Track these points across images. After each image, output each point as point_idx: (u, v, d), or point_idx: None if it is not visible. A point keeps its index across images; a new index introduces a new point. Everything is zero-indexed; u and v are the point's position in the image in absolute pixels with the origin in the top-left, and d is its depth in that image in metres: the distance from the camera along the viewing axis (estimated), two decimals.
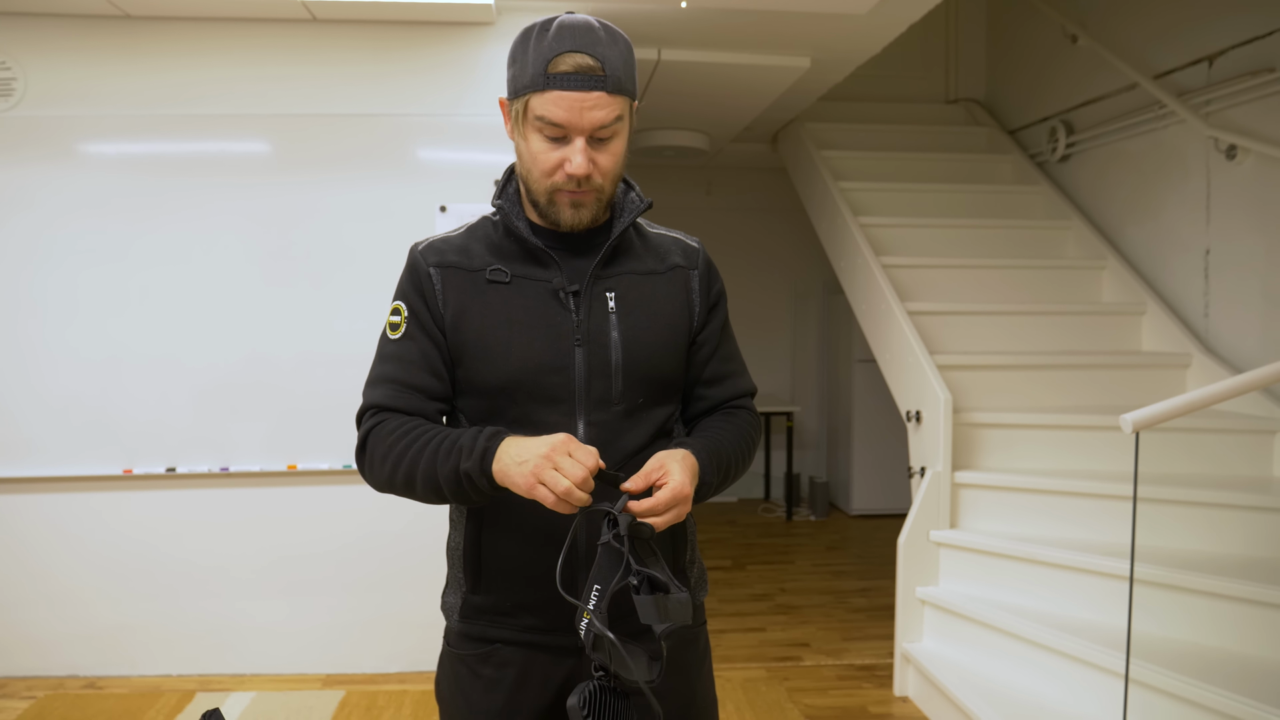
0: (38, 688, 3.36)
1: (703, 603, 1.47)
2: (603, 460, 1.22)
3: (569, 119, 1.21)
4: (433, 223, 3.44)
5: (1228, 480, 3.16)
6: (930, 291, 4.15)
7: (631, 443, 1.32)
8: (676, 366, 1.38)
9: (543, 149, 1.24)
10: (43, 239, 3.38)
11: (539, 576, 1.28)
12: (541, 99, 1.21)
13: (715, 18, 3.53)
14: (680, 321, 1.38)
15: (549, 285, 1.31)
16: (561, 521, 1.23)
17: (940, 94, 5.70)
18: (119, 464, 3.41)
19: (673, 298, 1.38)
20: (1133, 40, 4.26)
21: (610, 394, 1.31)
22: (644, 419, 1.34)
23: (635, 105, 1.30)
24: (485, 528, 1.33)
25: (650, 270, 1.37)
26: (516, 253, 1.33)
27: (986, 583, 3.21)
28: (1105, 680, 2.65)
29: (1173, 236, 4.01)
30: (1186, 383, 3.75)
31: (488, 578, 1.34)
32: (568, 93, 1.20)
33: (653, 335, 1.34)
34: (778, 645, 3.83)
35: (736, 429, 1.42)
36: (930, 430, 3.41)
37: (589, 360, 1.30)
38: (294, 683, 3.42)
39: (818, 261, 6.40)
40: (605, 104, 1.21)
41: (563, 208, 1.27)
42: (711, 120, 5.08)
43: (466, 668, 1.36)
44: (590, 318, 1.31)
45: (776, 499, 6.75)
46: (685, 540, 1.42)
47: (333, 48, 3.44)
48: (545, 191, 1.27)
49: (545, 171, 1.25)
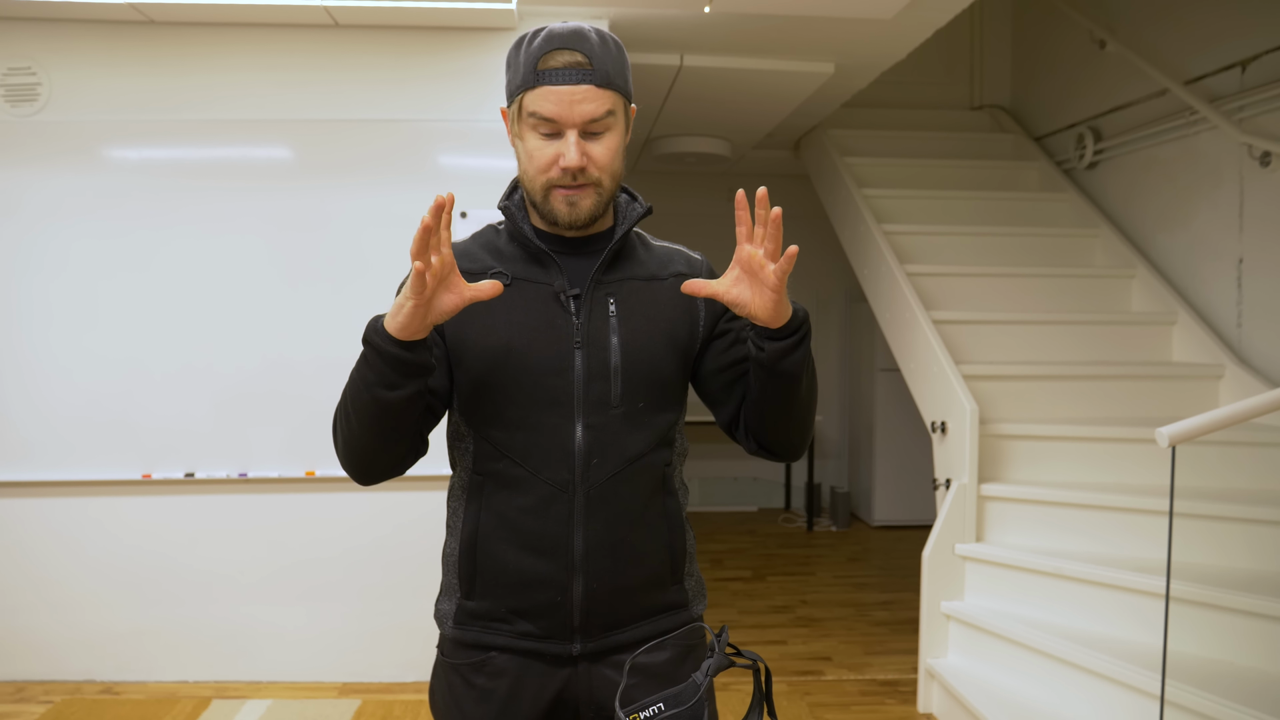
0: (55, 692, 3.35)
1: (700, 615, 1.45)
2: (603, 463, 1.25)
3: (559, 112, 1.22)
4: (453, 229, 3.42)
5: (1262, 494, 3.08)
6: (955, 300, 4.09)
7: (631, 447, 1.31)
8: (677, 372, 1.36)
9: (537, 146, 1.25)
10: (66, 243, 3.38)
11: (532, 584, 1.30)
12: (533, 95, 1.23)
13: (738, 23, 3.50)
14: (681, 329, 1.36)
15: (550, 288, 1.31)
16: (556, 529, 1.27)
17: (965, 100, 5.64)
18: (138, 469, 3.41)
19: (674, 305, 1.36)
20: (1163, 45, 4.19)
21: (609, 397, 1.30)
22: (644, 424, 1.33)
23: (631, 109, 1.31)
24: (482, 534, 1.33)
25: (652, 276, 1.37)
26: (519, 256, 1.34)
27: (1013, 598, 3.14)
28: (1136, 699, 2.59)
29: (1204, 245, 3.93)
30: (1219, 394, 3.67)
31: (483, 584, 1.33)
32: (557, 87, 1.22)
33: (653, 340, 1.33)
34: (799, 659, 3.78)
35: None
36: (956, 441, 3.35)
37: (588, 363, 1.29)
38: (310, 691, 3.40)
39: (839, 269, 6.34)
40: (595, 97, 1.23)
41: (558, 204, 1.27)
42: (734, 127, 5.05)
43: (460, 677, 1.36)
44: (590, 321, 1.31)
45: (797, 509, 6.69)
46: (684, 553, 1.41)
47: (354, 53, 3.43)
48: (542, 188, 1.27)
49: (541, 168, 1.26)
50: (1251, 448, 3.23)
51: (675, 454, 1.40)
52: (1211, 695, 2.37)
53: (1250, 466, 3.23)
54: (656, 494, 1.36)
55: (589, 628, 1.32)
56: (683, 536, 1.40)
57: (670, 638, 1.36)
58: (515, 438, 1.29)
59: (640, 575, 1.35)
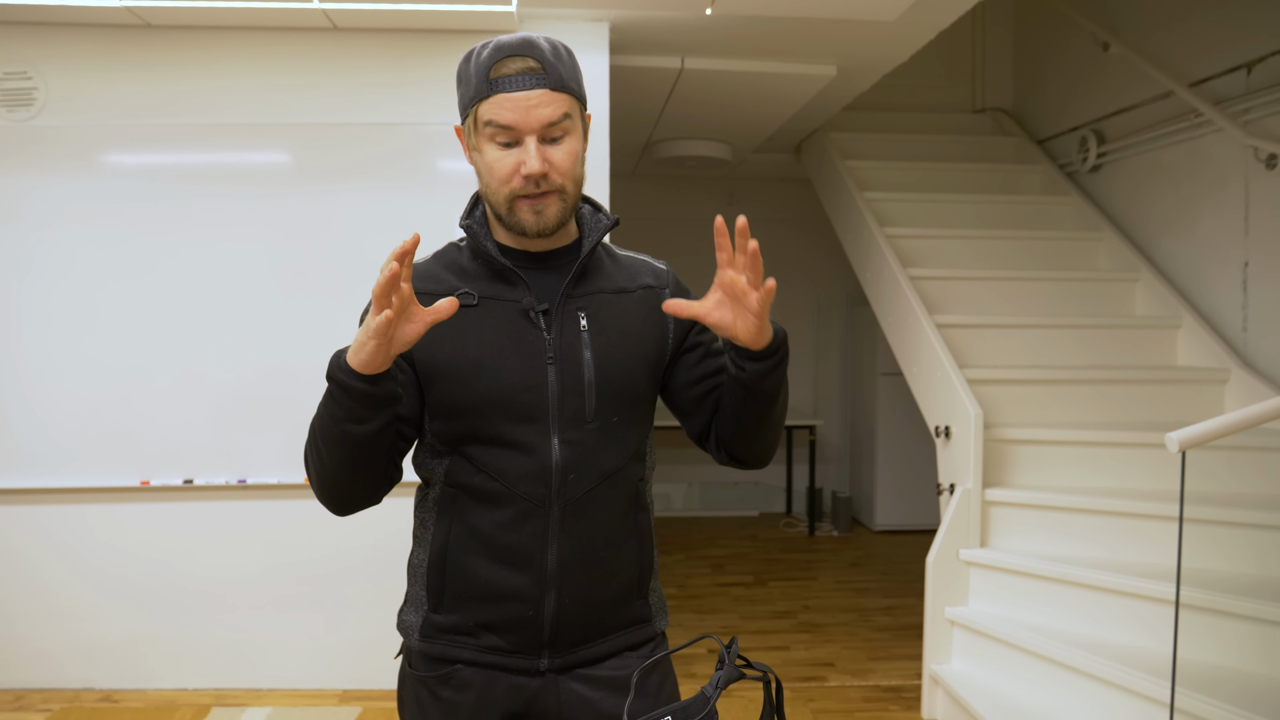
0: (54, 700, 3.33)
1: (664, 632, 1.44)
2: (580, 479, 1.25)
3: (515, 119, 1.20)
4: (452, 233, 3.38)
5: (1268, 500, 3.05)
6: (958, 304, 4.07)
7: (606, 461, 1.30)
8: (648, 386, 1.36)
9: (497, 157, 1.23)
10: (63, 248, 3.37)
11: (504, 598, 1.29)
12: (488, 105, 1.21)
13: (740, 25, 3.48)
14: (651, 342, 1.35)
15: (518, 305, 1.29)
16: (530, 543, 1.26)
17: (967, 103, 5.62)
18: (136, 475, 3.39)
19: (644, 317, 1.35)
20: (1167, 48, 4.17)
21: (584, 411, 1.28)
22: (618, 438, 1.32)
23: (588, 115, 1.30)
24: (453, 547, 1.31)
25: (621, 289, 1.35)
26: (484, 274, 1.31)
27: (1018, 604, 3.12)
28: (1142, 706, 2.56)
29: (1209, 248, 3.91)
30: (1224, 399, 3.65)
31: (452, 596, 1.32)
32: (511, 94, 1.20)
33: (624, 354, 1.32)
34: (801, 664, 3.75)
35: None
36: (960, 446, 3.33)
37: (562, 378, 1.28)
38: (310, 698, 3.38)
39: (841, 273, 6.33)
40: (550, 100, 1.21)
41: (524, 213, 1.24)
42: (734, 130, 5.03)
43: (427, 690, 1.35)
44: (562, 337, 1.29)
45: (799, 514, 6.66)
46: (651, 567, 1.40)
47: (353, 57, 3.41)
48: (505, 200, 1.24)
49: (502, 179, 1.23)
50: (1258, 453, 3.21)
51: (647, 468, 1.39)
52: (1218, 702, 2.34)
53: (1256, 471, 3.20)
54: (629, 509, 1.35)
55: (557, 642, 1.31)
56: (651, 551, 1.40)
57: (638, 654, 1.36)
58: (491, 454, 1.28)
59: (610, 590, 1.34)
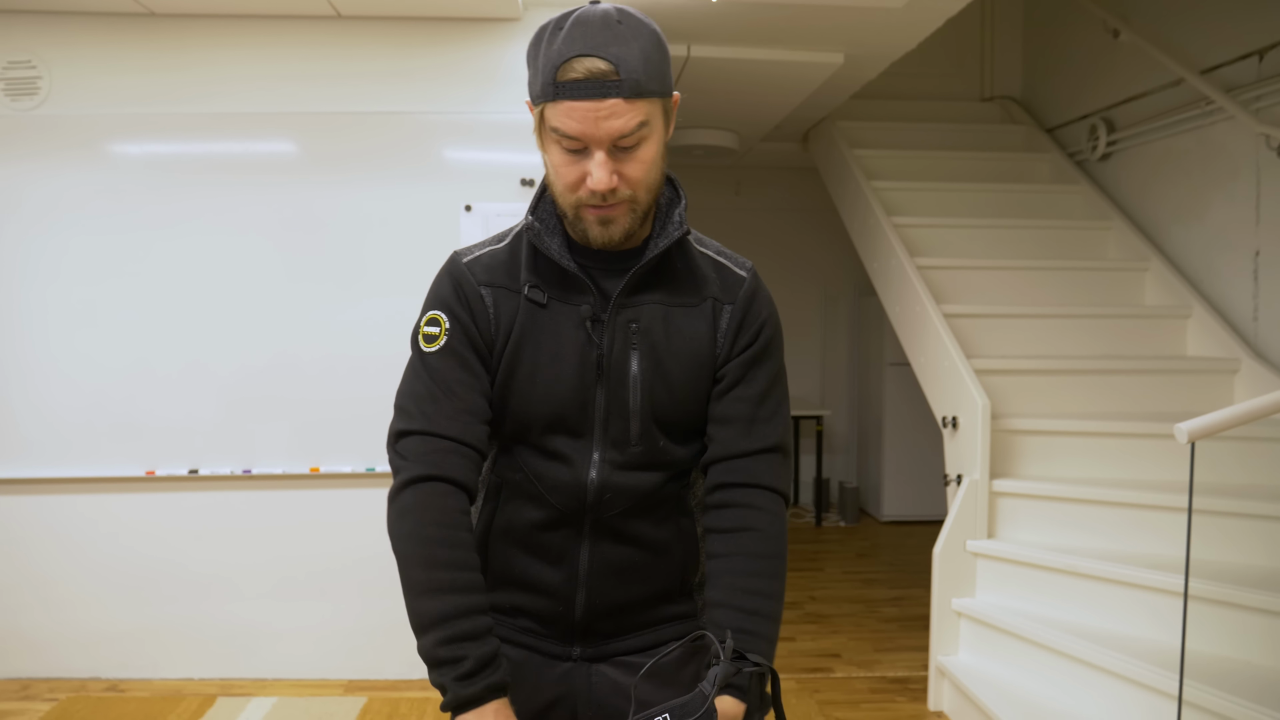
0: (60, 689, 3.34)
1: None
2: (616, 498, 1.24)
3: (584, 130, 1.09)
4: (457, 222, 3.39)
5: (1278, 490, 3.03)
6: (966, 293, 4.04)
7: (647, 482, 1.27)
8: (699, 409, 1.28)
9: (563, 162, 1.14)
10: (68, 238, 3.36)
11: (536, 589, 1.30)
12: (554, 110, 1.10)
13: (747, 12, 3.45)
14: (704, 361, 1.26)
15: (578, 312, 1.23)
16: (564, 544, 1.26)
17: (975, 91, 5.58)
18: (142, 465, 3.39)
19: (698, 335, 1.26)
20: (1178, 35, 4.12)
21: (628, 435, 1.24)
22: (662, 461, 1.27)
23: (675, 98, 1.19)
24: (494, 533, 1.31)
25: (682, 302, 1.25)
26: (552, 271, 1.24)
27: (1025, 595, 3.10)
28: (1150, 699, 2.54)
29: (1220, 237, 3.87)
30: (1234, 389, 3.62)
31: (492, 577, 1.31)
32: (579, 103, 1.08)
33: (674, 374, 1.24)
34: (807, 655, 3.74)
35: (765, 574, 1.24)
36: (967, 437, 3.31)
37: (609, 400, 1.23)
38: (316, 688, 3.38)
39: (848, 263, 6.29)
40: (623, 111, 1.09)
41: (590, 224, 1.17)
42: (741, 119, 5.00)
43: None
44: (612, 349, 1.23)
45: (805, 504, 6.65)
46: (697, 568, 1.35)
47: (357, 45, 3.39)
48: (571, 207, 1.17)
49: (568, 186, 1.15)
50: (1268, 443, 3.18)
51: (693, 476, 1.34)
52: (1228, 694, 2.32)
53: (1266, 462, 3.18)
54: (671, 515, 1.31)
55: (589, 635, 1.31)
56: (695, 553, 1.34)
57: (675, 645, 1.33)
58: (534, 458, 1.26)
59: (647, 591, 1.31)
